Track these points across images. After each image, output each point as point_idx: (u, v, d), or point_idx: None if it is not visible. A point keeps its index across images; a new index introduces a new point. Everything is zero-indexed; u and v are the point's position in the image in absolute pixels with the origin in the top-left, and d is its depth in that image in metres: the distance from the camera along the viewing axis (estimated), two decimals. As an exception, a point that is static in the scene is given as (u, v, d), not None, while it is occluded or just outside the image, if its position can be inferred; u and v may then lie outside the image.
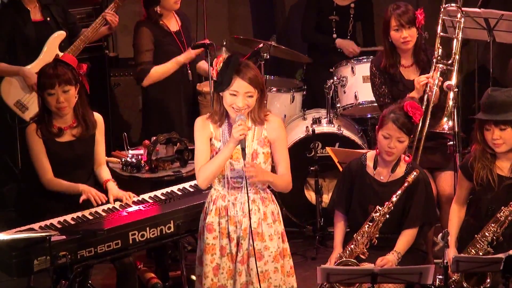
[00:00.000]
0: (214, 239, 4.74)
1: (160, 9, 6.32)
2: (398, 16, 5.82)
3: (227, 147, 4.63)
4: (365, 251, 5.16)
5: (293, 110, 7.08)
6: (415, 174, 5.14)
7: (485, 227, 5.12)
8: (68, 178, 5.42)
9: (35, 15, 6.39)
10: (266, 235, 4.73)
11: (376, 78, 5.99)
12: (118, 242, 5.04)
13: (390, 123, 5.12)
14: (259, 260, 4.70)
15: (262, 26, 8.36)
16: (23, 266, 4.82)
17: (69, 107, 5.39)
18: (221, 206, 4.74)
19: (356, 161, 5.33)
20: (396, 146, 5.13)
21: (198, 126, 4.76)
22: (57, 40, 6.34)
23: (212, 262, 4.74)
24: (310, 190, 6.80)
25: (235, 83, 4.59)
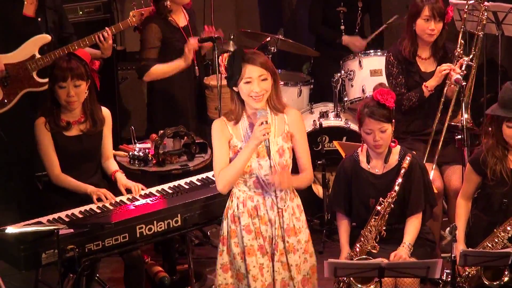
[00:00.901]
0: (253, 240, 4.69)
1: (170, 3, 6.30)
2: (432, 6, 5.82)
3: (248, 148, 4.55)
4: (375, 245, 5.16)
5: (301, 103, 7.07)
6: (409, 158, 5.13)
7: (507, 221, 5.09)
8: (76, 172, 5.42)
9: (28, 9, 6.26)
10: (297, 229, 4.73)
11: (394, 67, 5.98)
12: (126, 236, 5.05)
13: (366, 118, 5.11)
14: (294, 254, 4.71)
15: (269, 19, 8.35)
16: (31, 260, 4.83)
17: (79, 101, 5.39)
18: (251, 207, 4.69)
19: (348, 159, 5.32)
20: (381, 137, 5.12)
21: (216, 129, 4.66)
22: (39, 41, 6.17)
23: (257, 262, 4.69)
24: (317, 184, 6.80)
25: (246, 70, 4.55)
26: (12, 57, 6.15)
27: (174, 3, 6.33)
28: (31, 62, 6.14)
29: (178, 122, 6.05)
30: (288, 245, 4.69)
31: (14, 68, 6.13)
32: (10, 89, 6.16)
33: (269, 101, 4.64)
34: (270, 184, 4.64)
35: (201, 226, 5.40)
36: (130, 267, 5.35)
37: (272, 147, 4.60)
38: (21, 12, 6.23)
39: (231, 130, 4.65)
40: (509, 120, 5.06)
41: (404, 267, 4.81)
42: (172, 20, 6.36)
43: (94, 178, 5.50)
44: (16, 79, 6.16)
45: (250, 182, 4.67)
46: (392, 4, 7.94)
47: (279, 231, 4.68)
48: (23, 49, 6.17)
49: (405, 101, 5.93)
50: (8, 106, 6.17)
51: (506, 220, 5.11)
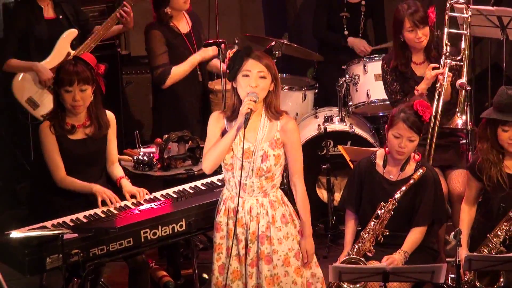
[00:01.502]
0: (221, 239, 4.74)
1: (170, 10, 6.30)
2: (411, 16, 5.80)
3: (233, 128, 4.62)
4: (371, 248, 5.15)
5: (305, 108, 7.07)
6: (421, 171, 5.13)
7: (497, 226, 5.11)
8: (80, 175, 5.43)
9: (47, 12, 6.41)
10: (275, 239, 4.70)
11: (388, 75, 5.98)
12: (130, 240, 5.05)
13: (400, 122, 5.11)
14: (268, 264, 4.69)
15: (274, 23, 8.36)
16: (35, 264, 4.83)
17: (84, 106, 5.40)
18: (230, 208, 4.73)
19: (365, 159, 5.32)
20: (407, 146, 5.12)
21: (212, 119, 4.78)
22: (68, 38, 6.36)
23: (218, 260, 4.75)
24: (322, 188, 6.79)
25: (247, 63, 4.61)
26: (51, 62, 6.27)
27: (174, 10, 6.33)
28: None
29: (182, 126, 6.05)
30: (261, 251, 4.69)
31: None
32: None
33: (267, 106, 4.67)
34: (250, 188, 4.68)
35: (205, 230, 5.40)
36: (135, 272, 5.35)
37: (257, 152, 4.65)
38: (42, 18, 6.33)
39: (226, 125, 4.72)
40: (504, 124, 5.06)
41: (408, 272, 4.81)
42: (173, 26, 6.36)
43: (99, 183, 5.49)
44: None
45: (232, 182, 4.72)
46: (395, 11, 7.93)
47: (252, 236, 4.69)
48: (57, 51, 6.30)
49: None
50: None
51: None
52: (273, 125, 4.71)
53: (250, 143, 4.67)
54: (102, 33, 6.36)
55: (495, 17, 6.46)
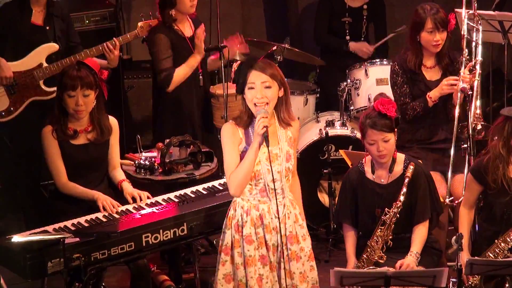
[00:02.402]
0: (255, 250, 4.70)
1: (175, 12, 6.31)
2: (434, 16, 5.80)
3: (252, 147, 4.58)
4: (382, 255, 5.16)
5: (307, 112, 7.07)
6: (412, 167, 5.14)
7: (507, 233, 5.09)
8: (82, 180, 5.43)
9: (36, 18, 6.30)
10: (300, 236, 4.75)
11: (399, 77, 5.97)
12: (132, 245, 5.05)
13: (369, 130, 5.13)
14: (297, 262, 4.72)
15: (276, 28, 8.36)
16: (37, 269, 4.84)
17: (86, 111, 5.41)
18: (256, 216, 4.70)
19: (353, 170, 5.34)
20: (385, 147, 5.13)
21: (227, 133, 4.68)
22: (47, 50, 6.21)
23: (255, 273, 4.70)
24: (323, 192, 6.79)
25: (251, 75, 4.60)
26: (20, 65, 6.17)
27: (179, 13, 6.34)
28: (38, 70, 6.16)
29: (184, 131, 6.06)
30: (291, 252, 4.71)
31: (21, 76, 6.15)
32: (17, 97, 6.18)
33: (278, 113, 4.68)
34: (275, 190, 4.66)
35: (207, 235, 5.40)
36: (136, 276, 5.35)
37: (282, 153, 4.65)
38: (29, 21, 6.26)
39: (241, 134, 4.68)
40: None
41: (410, 276, 4.80)
42: (178, 30, 6.37)
43: (100, 187, 5.50)
44: (23, 87, 6.18)
45: (256, 190, 4.68)
46: (397, 13, 7.95)
47: (284, 239, 4.69)
48: (30, 58, 6.19)
49: (410, 110, 5.93)
50: (14, 114, 6.19)
51: (507, 230, 5.11)
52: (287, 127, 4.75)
53: (271, 146, 4.64)
54: (82, 58, 6.10)
55: (497, 22, 6.46)
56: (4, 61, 6.14)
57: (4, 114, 6.17)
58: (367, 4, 7.34)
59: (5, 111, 6.17)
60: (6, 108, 6.17)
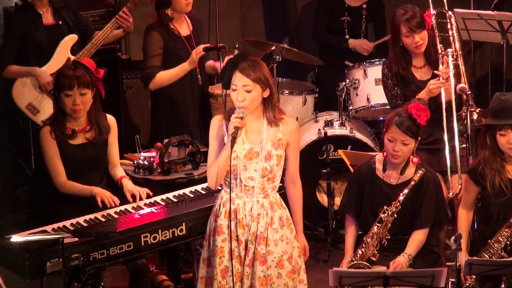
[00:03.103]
0: (223, 242, 4.75)
1: (171, 11, 6.31)
2: (407, 21, 5.79)
3: (226, 145, 4.68)
4: (375, 253, 5.16)
5: (305, 112, 7.07)
6: (421, 172, 5.14)
7: (498, 232, 5.11)
8: (81, 180, 5.43)
9: (47, 19, 6.40)
10: (271, 240, 4.73)
11: (389, 79, 5.98)
12: (130, 244, 5.05)
13: (393, 126, 5.13)
14: (262, 265, 4.71)
15: (274, 28, 8.36)
16: (36, 268, 4.83)
17: (84, 110, 5.41)
18: (232, 209, 4.74)
19: (365, 164, 5.33)
20: (401, 149, 5.13)
21: (213, 126, 4.81)
22: (68, 44, 6.36)
23: (220, 264, 4.75)
24: (322, 192, 6.79)
25: (234, 77, 4.65)
26: (51, 68, 6.27)
27: (175, 12, 6.34)
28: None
29: (182, 131, 6.06)
30: (257, 252, 4.71)
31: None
32: None
33: (265, 112, 4.70)
34: (252, 188, 4.69)
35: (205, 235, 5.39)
36: (135, 276, 5.35)
37: (262, 152, 4.68)
38: (42, 24, 6.33)
39: (225, 129, 4.74)
40: (501, 129, 5.09)
41: (409, 276, 4.81)
42: (173, 29, 6.37)
43: (99, 187, 5.49)
44: None
45: (233, 184, 4.72)
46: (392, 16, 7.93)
47: (252, 237, 4.71)
48: (57, 56, 6.30)
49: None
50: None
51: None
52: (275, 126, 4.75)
53: (253, 144, 4.71)
54: (102, 38, 6.37)
55: (496, 22, 6.46)
56: (38, 69, 6.26)
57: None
58: (367, 3, 7.34)
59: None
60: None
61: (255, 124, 4.73)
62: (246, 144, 4.71)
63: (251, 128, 4.72)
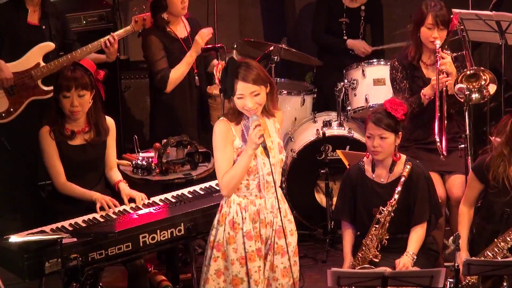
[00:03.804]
0: (254, 245, 4.69)
1: (168, 15, 6.31)
2: (436, 15, 5.81)
3: (246, 153, 4.55)
4: (377, 253, 5.16)
5: (304, 113, 7.07)
6: (409, 167, 5.16)
7: (507, 232, 5.09)
8: (79, 181, 5.43)
9: (32, 18, 6.29)
10: (287, 231, 4.73)
11: (398, 72, 5.99)
12: (129, 245, 5.05)
13: (370, 123, 5.18)
14: (283, 257, 4.72)
15: (273, 28, 8.36)
16: (34, 269, 4.84)
17: (83, 111, 5.41)
18: (254, 212, 4.68)
19: (354, 167, 5.35)
20: (380, 144, 5.15)
21: (220, 131, 4.64)
22: (43, 49, 6.20)
23: (256, 267, 4.68)
24: (320, 193, 6.79)
25: (238, 87, 4.57)
26: (17, 66, 6.16)
27: (171, 15, 6.34)
28: (36, 70, 6.16)
29: (180, 131, 6.06)
30: (277, 246, 4.71)
31: (19, 76, 6.15)
32: (16, 98, 6.18)
33: (264, 105, 4.68)
34: (270, 184, 4.65)
35: (204, 235, 5.39)
36: (134, 276, 5.35)
37: (274, 145, 4.65)
38: (26, 21, 6.26)
39: (234, 131, 4.66)
40: None
41: (407, 276, 4.81)
42: (170, 31, 6.37)
43: (98, 188, 5.50)
44: (21, 87, 6.18)
45: (253, 185, 4.65)
46: (394, 14, 7.96)
47: (273, 232, 4.71)
48: (27, 58, 6.19)
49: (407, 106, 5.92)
50: (14, 114, 6.19)
51: (507, 230, 5.11)
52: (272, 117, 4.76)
53: (267, 139, 4.63)
54: (78, 55, 6.12)
55: (494, 22, 6.46)
56: (3, 62, 6.14)
57: (4, 116, 6.17)
58: (365, 4, 7.35)
59: (5, 112, 6.17)
60: (6, 109, 6.17)
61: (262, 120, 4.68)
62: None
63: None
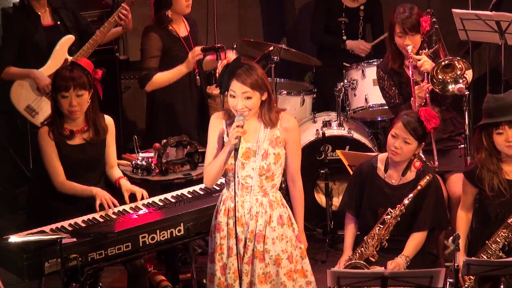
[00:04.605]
0: (222, 239, 4.77)
1: (171, 13, 6.32)
2: (402, 22, 5.78)
3: (224, 151, 4.69)
4: (375, 253, 5.17)
5: (303, 113, 7.08)
6: (428, 178, 5.13)
7: (496, 233, 5.11)
8: (79, 180, 5.43)
9: (45, 19, 6.37)
10: (269, 238, 4.74)
11: (385, 81, 5.98)
12: (129, 245, 5.06)
13: (399, 123, 5.15)
14: (261, 262, 4.73)
15: (272, 29, 8.37)
16: (34, 269, 4.84)
17: (81, 111, 5.41)
18: (230, 207, 4.76)
19: (367, 163, 5.33)
20: (401, 147, 5.13)
21: (212, 123, 4.82)
22: (65, 44, 6.34)
23: (219, 261, 4.78)
24: (320, 193, 6.79)
25: (232, 84, 4.65)
26: (48, 69, 6.26)
27: (175, 13, 6.34)
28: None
29: (180, 131, 6.06)
30: (256, 250, 4.73)
31: None
32: None
33: (261, 115, 4.71)
34: (250, 187, 4.71)
35: (204, 235, 5.40)
36: (133, 276, 5.35)
37: (259, 151, 4.69)
38: (40, 25, 6.32)
39: (225, 126, 4.76)
40: (497, 127, 5.07)
41: (407, 276, 4.80)
42: (172, 30, 6.37)
43: (97, 187, 5.49)
44: None
45: (232, 184, 4.73)
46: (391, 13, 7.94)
47: (251, 235, 4.72)
48: (54, 58, 6.29)
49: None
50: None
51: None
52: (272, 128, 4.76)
53: (250, 143, 4.71)
54: (99, 37, 6.35)
55: (494, 22, 6.46)
56: (36, 71, 6.26)
57: None
58: (364, 4, 7.34)
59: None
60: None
61: (253, 123, 4.74)
62: (243, 143, 4.71)
63: (249, 127, 4.73)
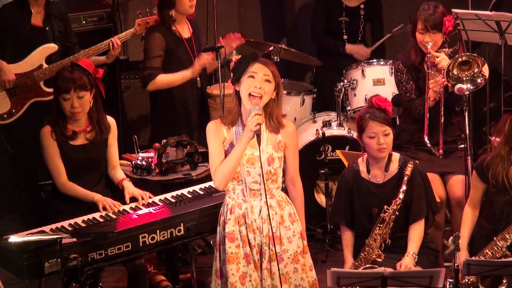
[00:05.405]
0: (237, 248, 4.73)
1: (175, 13, 6.32)
2: (425, 19, 5.80)
3: (241, 142, 4.60)
4: (381, 253, 5.16)
5: (303, 113, 7.08)
6: (411, 166, 5.16)
7: (506, 230, 5.10)
8: (80, 180, 5.44)
9: (36, 19, 6.30)
10: (285, 238, 4.74)
11: (404, 74, 5.98)
12: (129, 245, 5.06)
13: (370, 122, 5.15)
14: (280, 263, 4.72)
15: (272, 29, 8.37)
16: (34, 269, 4.84)
17: (83, 112, 5.41)
18: (239, 215, 4.72)
19: (349, 170, 5.35)
20: (385, 141, 5.15)
21: (211, 130, 4.74)
22: (46, 51, 6.22)
23: (238, 271, 4.72)
24: (320, 193, 6.80)
25: (254, 66, 4.62)
26: (20, 67, 6.18)
27: (178, 13, 6.34)
28: (39, 71, 6.17)
29: (180, 131, 6.06)
30: (273, 253, 4.71)
31: (22, 78, 6.17)
32: (18, 99, 6.19)
33: (269, 117, 4.68)
34: (257, 191, 4.69)
35: (204, 235, 5.41)
36: (133, 276, 5.35)
37: (262, 155, 4.65)
38: (29, 22, 6.27)
39: (225, 133, 4.71)
40: None
41: (407, 276, 4.81)
42: (175, 31, 6.37)
43: (98, 188, 5.51)
44: (24, 89, 6.19)
45: (238, 190, 4.71)
46: (394, 13, 7.96)
47: (266, 239, 4.70)
48: (30, 59, 6.21)
49: (414, 108, 5.93)
50: (16, 116, 6.20)
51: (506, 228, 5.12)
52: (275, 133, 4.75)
53: (253, 149, 4.67)
54: (80, 57, 6.15)
55: (494, 22, 6.45)
56: (5, 64, 6.16)
57: (6, 117, 6.18)
58: (364, 3, 7.34)
59: (6, 114, 6.18)
60: (8, 111, 6.18)
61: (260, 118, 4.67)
62: (247, 149, 4.67)
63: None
